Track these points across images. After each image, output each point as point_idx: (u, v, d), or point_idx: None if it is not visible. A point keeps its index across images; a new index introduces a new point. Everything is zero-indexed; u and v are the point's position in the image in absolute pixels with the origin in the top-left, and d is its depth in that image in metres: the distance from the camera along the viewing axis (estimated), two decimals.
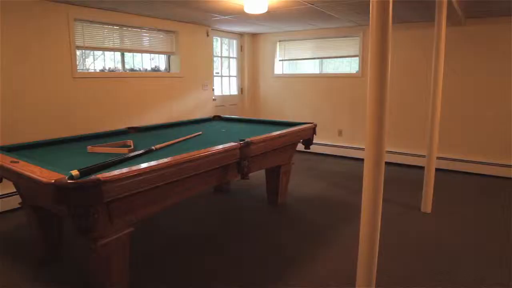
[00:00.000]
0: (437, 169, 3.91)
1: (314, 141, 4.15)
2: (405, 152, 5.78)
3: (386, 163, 2.08)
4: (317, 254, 2.97)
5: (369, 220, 2.09)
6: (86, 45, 4.59)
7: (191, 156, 2.50)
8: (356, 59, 6.24)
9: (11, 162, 2.36)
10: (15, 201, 3.67)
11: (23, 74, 3.97)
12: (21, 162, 2.34)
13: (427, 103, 3.84)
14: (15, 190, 3.55)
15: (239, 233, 3.40)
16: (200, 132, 3.75)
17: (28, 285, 2.57)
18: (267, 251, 3.03)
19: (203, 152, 2.61)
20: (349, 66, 6.62)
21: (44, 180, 1.97)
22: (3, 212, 3.87)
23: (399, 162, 5.81)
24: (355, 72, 6.29)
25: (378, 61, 1.94)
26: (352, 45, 6.20)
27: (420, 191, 3.91)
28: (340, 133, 6.49)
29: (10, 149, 2.79)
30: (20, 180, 2.32)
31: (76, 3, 4.26)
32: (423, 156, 3.95)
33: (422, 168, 3.91)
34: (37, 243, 2.86)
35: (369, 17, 1.97)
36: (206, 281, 2.61)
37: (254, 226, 3.55)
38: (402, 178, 5.17)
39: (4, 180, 2.72)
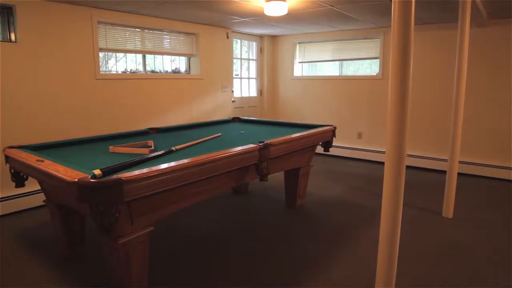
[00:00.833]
0: (459, 173, 3.83)
1: (333, 144, 4.13)
2: (426, 155, 5.68)
3: (407, 166, 2.05)
4: (335, 257, 2.94)
5: (389, 224, 2.07)
6: (109, 47, 4.69)
7: (211, 157, 2.51)
8: (377, 61, 6.17)
9: (37, 161, 2.43)
10: (39, 199, 3.78)
11: (49, 75, 4.08)
12: (46, 161, 2.40)
13: (449, 105, 3.78)
14: (39, 188, 3.67)
15: (257, 234, 3.40)
16: (220, 134, 3.77)
17: (50, 282, 2.63)
18: (285, 253, 3.02)
19: (223, 153, 2.63)
20: (370, 68, 6.55)
21: (68, 179, 2.01)
22: (28, 209, 3.98)
23: (419, 166, 5.72)
24: (375, 74, 6.22)
25: (400, 63, 1.92)
26: (373, 47, 6.13)
27: (442, 196, 3.83)
28: (359, 135, 6.42)
29: (36, 148, 2.88)
30: (44, 179, 2.38)
31: (100, 7, 4.35)
32: (445, 160, 3.88)
33: (443, 172, 3.85)
34: (60, 240, 2.94)
35: (390, 18, 1.95)
36: (222, 282, 2.62)
37: (271, 228, 3.54)
38: (422, 182, 5.08)
39: (27, 177, 2.81)
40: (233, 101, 6.58)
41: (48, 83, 4.08)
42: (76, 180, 1.93)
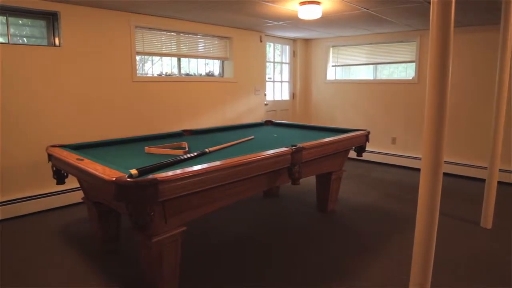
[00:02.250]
0: (499, 182, 3.68)
1: (366, 149, 4.07)
2: (463, 162, 5.49)
3: (443, 174, 1.99)
4: (366, 265, 2.89)
5: (424, 233, 2.01)
6: (145, 50, 4.82)
7: (244, 160, 2.53)
8: (413, 65, 6.03)
9: (77, 159, 2.53)
10: (78, 196, 3.93)
11: (89, 78, 4.24)
12: (86, 160, 2.50)
13: (488, 110, 3.63)
14: (78, 185, 3.81)
15: (287, 238, 3.40)
16: (252, 137, 3.80)
17: (85, 277, 2.73)
18: (314, 258, 3.00)
19: (256, 156, 2.65)
20: (405, 71, 6.41)
21: (106, 177, 2.08)
22: (66, 205, 4.15)
23: (456, 173, 5.53)
24: (411, 78, 6.08)
25: (439, 67, 1.87)
26: (409, 50, 6.00)
27: (480, 205, 3.68)
28: (393, 141, 6.29)
29: (76, 148, 3.00)
30: (84, 177, 2.47)
31: (137, 12, 4.49)
32: (484, 168, 3.73)
33: (481, 180, 3.70)
34: (96, 236, 3.05)
35: (427, 20, 1.90)
36: (250, 283, 2.63)
37: (302, 232, 3.52)
38: (460, 190, 4.91)
39: (67, 175, 2.93)
40: (265, 105, 6.60)
41: (88, 85, 4.25)
42: (114, 179, 2.00)
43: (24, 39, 3.99)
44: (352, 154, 4.07)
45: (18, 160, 3.84)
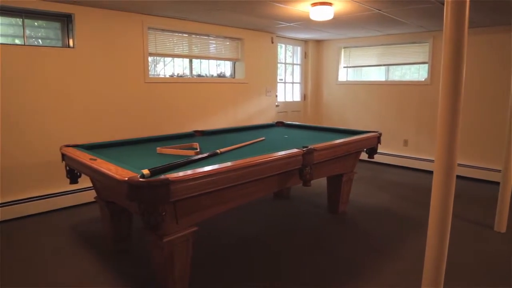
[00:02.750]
0: None
1: (378, 151, 4.04)
2: (477, 165, 5.41)
3: (456, 176, 1.96)
4: (377, 268, 2.87)
5: (436, 237, 1.98)
6: (158, 52, 4.86)
7: (255, 161, 2.54)
8: (425, 66, 5.97)
9: (90, 159, 2.56)
10: (88, 196, 3.98)
11: (102, 79, 4.29)
12: (99, 160, 2.53)
13: (500, 112, 3.57)
14: (89, 185, 3.86)
15: (298, 239, 3.39)
16: (264, 138, 3.80)
17: (97, 276, 2.75)
18: (324, 260, 2.98)
19: (267, 157, 2.65)
20: (417, 73, 6.35)
21: (118, 177, 2.11)
22: (79, 204, 4.20)
23: (469, 176, 5.45)
24: (423, 79, 6.02)
25: (452, 68, 1.84)
26: (421, 51, 5.94)
27: (494, 209, 3.63)
28: (405, 143, 6.23)
29: (89, 148, 3.04)
30: (96, 176, 2.50)
31: (150, 13, 4.53)
32: (497, 171, 3.68)
33: (496, 183, 3.64)
34: (108, 235, 3.08)
35: (440, 21, 1.88)
36: (261, 284, 2.63)
37: (312, 233, 3.51)
38: (473, 193, 4.84)
39: (80, 175, 2.97)
40: (276, 106, 6.60)
41: (101, 86, 4.30)
42: (126, 179, 2.02)
43: (39, 40, 4.06)
44: (364, 156, 4.05)
45: (31, 159, 3.90)
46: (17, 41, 3.86)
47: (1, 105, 3.64)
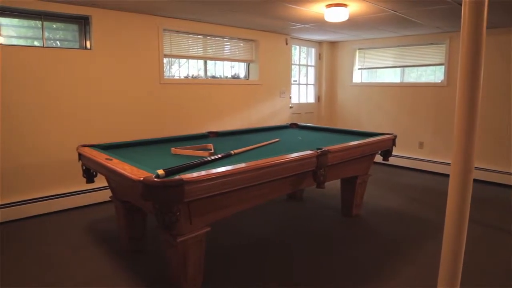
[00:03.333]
0: None
1: (393, 153, 4.00)
2: (493, 168, 5.31)
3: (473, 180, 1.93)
4: (390, 273, 2.84)
5: (452, 243, 1.93)
6: (173, 53, 4.90)
7: (269, 162, 2.54)
8: (441, 68, 5.89)
9: (106, 159, 2.60)
10: (103, 195, 4.04)
11: (118, 80, 4.35)
12: (114, 160, 2.56)
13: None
14: (103, 185, 3.91)
15: (310, 241, 3.37)
16: (278, 139, 3.80)
17: (111, 275, 2.79)
18: (337, 263, 2.97)
19: (281, 159, 2.65)
20: (433, 75, 6.27)
21: (134, 177, 2.13)
22: (95, 204, 4.26)
23: (486, 179, 5.35)
24: (439, 81, 5.94)
25: (470, 70, 1.80)
26: (437, 52, 5.87)
27: (510, 213, 3.56)
28: (421, 145, 6.16)
29: (105, 148, 3.08)
30: (112, 176, 2.53)
31: (166, 15, 4.57)
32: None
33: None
34: (122, 234, 3.11)
35: (457, 22, 1.86)
36: (272, 285, 2.63)
37: (325, 236, 3.50)
38: (489, 197, 4.75)
39: (96, 174, 3.01)
40: (290, 107, 6.59)
41: (117, 87, 4.36)
42: (142, 178, 2.05)
43: (58, 42, 4.14)
44: (378, 158, 4.02)
45: (48, 158, 3.97)
46: (36, 43, 3.94)
47: (22, 105, 3.72)
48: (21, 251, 3.12)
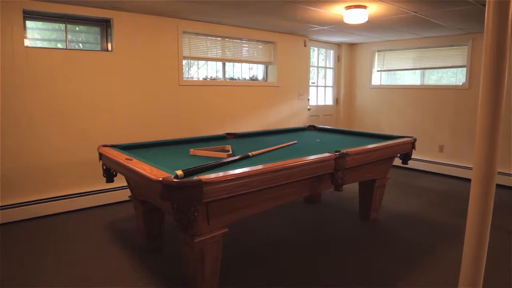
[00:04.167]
0: None
1: (412, 156, 3.94)
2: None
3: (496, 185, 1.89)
4: (409, 278, 2.80)
5: (474, 248, 1.88)
6: (192, 55, 4.95)
7: (287, 164, 2.54)
8: (463, 70, 5.78)
9: (126, 159, 2.64)
10: (125, 194, 4.09)
11: (138, 81, 4.42)
12: (134, 160, 2.60)
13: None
14: (122, 184, 3.98)
15: (327, 245, 3.35)
16: (295, 141, 3.79)
17: (129, 272, 2.83)
18: (354, 267, 2.94)
19: (299, 161, 2.64)
20: (455, 77, 6.16)
21: (153, 177, 2.16)
22: (114, 203, 4.33)
23: (507, 184, 5.22)
24: (461, 83, 5.83)
25: (493, 72, 1.77)
26: (459, 54, 5.76)
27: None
28: (441, 149, 6.05)
29: (125, 148, 3.13)
30: (132, 176, 2.57)
31: (185, 17, 4.62)
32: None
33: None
34: (141, 233, 3.16)
35: (480, 23, 1.82)
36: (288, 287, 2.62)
37: (342, 239, 3.47)
38: (510, 201, 4.65)
39: (116, 174, 3.06)
40: (308, 109, 6.57)
41: (137, 88, 4.42)
42: (161, 179, 2.07)
43: (80, 44, 4.23)
44: (397, 161, 3.97)
45: (70, 158, 4.06)
46: (59, 45, 4.04)
47: (46, 105, 3.82)
48: (43, 247, 3.20)
